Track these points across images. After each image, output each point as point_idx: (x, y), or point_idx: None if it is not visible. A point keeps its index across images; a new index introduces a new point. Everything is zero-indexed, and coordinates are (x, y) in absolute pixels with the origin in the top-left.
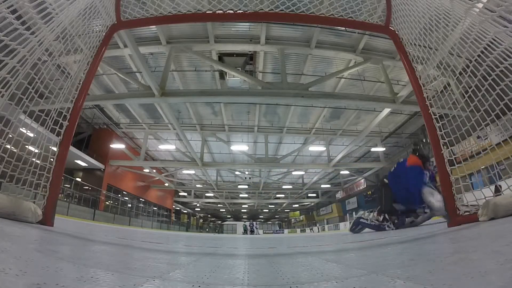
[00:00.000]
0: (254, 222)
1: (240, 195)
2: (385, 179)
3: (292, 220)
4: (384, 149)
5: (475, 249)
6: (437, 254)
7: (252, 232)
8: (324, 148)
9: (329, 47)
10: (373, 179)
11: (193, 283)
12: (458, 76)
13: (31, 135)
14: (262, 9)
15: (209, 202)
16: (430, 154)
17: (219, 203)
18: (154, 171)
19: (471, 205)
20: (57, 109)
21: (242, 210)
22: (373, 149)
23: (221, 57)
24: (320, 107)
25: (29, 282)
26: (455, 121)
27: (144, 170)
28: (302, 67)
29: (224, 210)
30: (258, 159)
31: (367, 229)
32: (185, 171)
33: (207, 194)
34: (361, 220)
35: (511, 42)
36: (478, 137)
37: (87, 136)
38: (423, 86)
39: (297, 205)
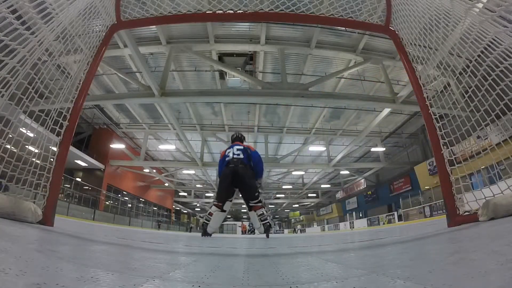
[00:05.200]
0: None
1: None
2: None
3: (292, 220)
4: (384, 149)
5: (475, 249)
6: (437, 254)
7: (251, 231)
8: (324, 148)
9: (329, 47)
10: (373, 179)
11: (193, 283)
12: (458, 76)
13: (31, 135)
14: (262, 9)
15: (209, 202)
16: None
17: None
18: (154, 171)
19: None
20: (57, 109)
21: (242, 210)
22: (373, 149)
23: (221, 57)
24: (320, 107)
25: (29, 282)
26: (455, 121)
27: (144, 170)
28: (302, 67)
29: None
30: None
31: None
32: (185, 171)
33: (207, 194)
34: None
35: (511, 42)
36: (478, 137)
37: (87, 136)
38: (423, 86)
39: (297, 205)
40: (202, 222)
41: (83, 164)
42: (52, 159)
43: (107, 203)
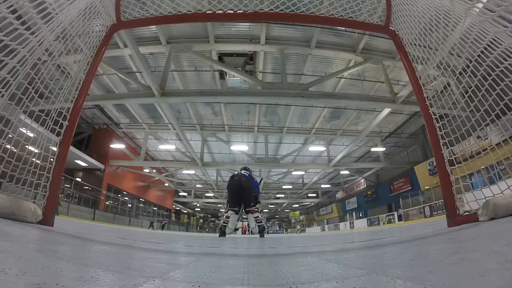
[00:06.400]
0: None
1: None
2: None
3: (292, 220)
4: (384, 149)
5: (475, 249)
6: (437, 254)
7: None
8: (324, 148)
9: (329, 47)
10: (373, 179)
11: (193, 283)
12: (458, 76)
13: (31, 135)
14: (262, 9)
15: (209, 202)
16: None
17: (219, 203)
18: (154, 171)
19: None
20: (57, 109)
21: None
22: (373, 149)
23: (221, 57)
24: (320, 107)
25: (29, 282)
26: (455, 121)
27: (144, 170)
28: (302, 67)
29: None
30: (258, 159)
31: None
32: (185, 171)
33: (207, 194)
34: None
35: (511, 42)
36: (478, 137)
37: (87, 136)
38: (423, 86)
39: (297, 205)
40: (220, 225)
41: (83, 164)
42: (52, 159)
43: (107, 203)
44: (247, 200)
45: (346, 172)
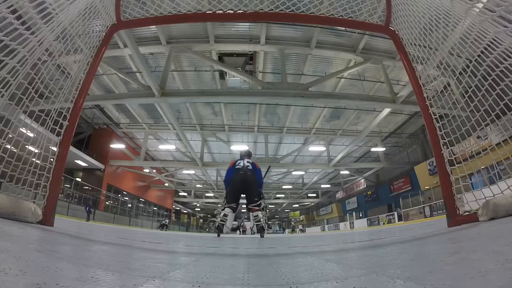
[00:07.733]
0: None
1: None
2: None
3: (292, 220)
4: (384, 149)
5: (475, 249)
6: (437, 254)
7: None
8: (324, 148)
9: (329, 47)
10: (373, 179)
11: (193, 283)
12: (458, 76)
13: (31, 135)
14: (262, 9)
15: (209, 202)
16: None
17: (219, 203)
18: (154, 171)
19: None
20: (57, 109)
21: (242, 210)
22: (373, 149)
23: (221, 57)
24: (320, 107)
25: (29, 282)
26: (455, 121)
27: (144, 170)
28: (302, 67)
29: None
30: (258, 159)
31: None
32: (185, 171)
33: (207, 194)
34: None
35: (511, 42)
36: (478, 137)
37: (87, 136)
38: (423, 86)
39: (297, 205)
40: (218, 223)
41: (83, 164)
42: (52, 159)
43: (107, 203)
44: (251, 197)
45: (346, 172)
